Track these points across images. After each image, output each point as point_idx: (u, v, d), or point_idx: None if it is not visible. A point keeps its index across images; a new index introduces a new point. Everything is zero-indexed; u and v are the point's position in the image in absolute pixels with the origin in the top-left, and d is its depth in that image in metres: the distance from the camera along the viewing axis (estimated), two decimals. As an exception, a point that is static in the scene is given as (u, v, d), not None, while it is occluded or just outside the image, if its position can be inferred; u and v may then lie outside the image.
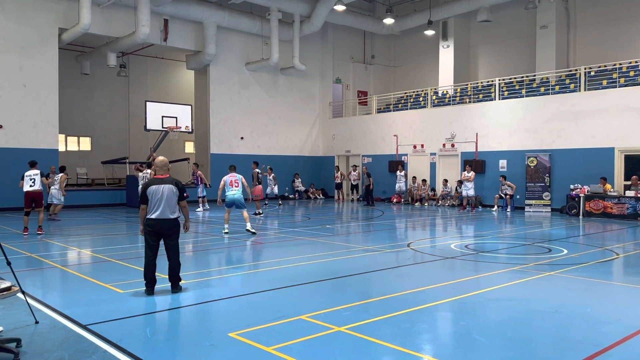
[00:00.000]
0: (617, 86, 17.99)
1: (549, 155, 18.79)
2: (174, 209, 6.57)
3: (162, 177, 6.64)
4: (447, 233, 14.00)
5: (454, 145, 21.91)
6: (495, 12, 23.35)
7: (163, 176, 6.67)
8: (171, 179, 6.66)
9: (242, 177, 12.63)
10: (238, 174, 12.63)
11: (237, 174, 12.60)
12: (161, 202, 6.47)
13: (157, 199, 6.47)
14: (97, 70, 26.34)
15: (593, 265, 8.71)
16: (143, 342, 4.84)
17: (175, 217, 6.62)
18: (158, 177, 6.66)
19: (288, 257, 9.50)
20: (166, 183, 6.56)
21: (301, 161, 26.56)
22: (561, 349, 4.69)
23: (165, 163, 6.76)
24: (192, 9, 21.82)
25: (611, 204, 16.41)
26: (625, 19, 20.83)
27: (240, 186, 12.43)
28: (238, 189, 12.33)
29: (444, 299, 6.39)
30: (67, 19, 19.53)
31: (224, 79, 23.92)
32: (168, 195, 6.50)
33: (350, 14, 25.44)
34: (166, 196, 6.49)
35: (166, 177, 6.66)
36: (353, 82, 28.37)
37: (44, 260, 9.03)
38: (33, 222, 12.79)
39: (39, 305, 5.94)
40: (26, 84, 18.88)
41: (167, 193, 6.50)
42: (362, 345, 4.77)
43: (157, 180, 6.62)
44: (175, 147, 27.91)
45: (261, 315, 5.62)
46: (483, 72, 25.40)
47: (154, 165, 6.86)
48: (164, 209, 6.48)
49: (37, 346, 4.68)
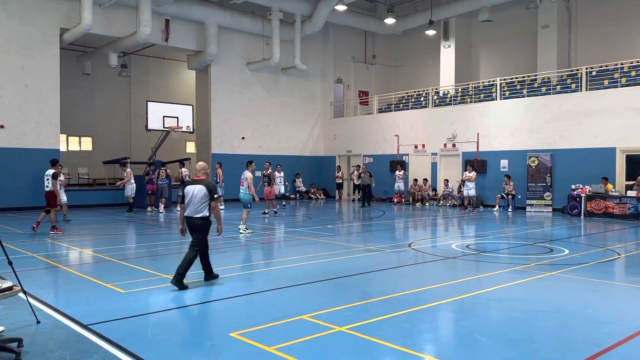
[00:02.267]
0: (618, 86, 17.96)
1: (550, 155, 18.77)
2: (202, 208, 7.00)
3: (198, 179, 7.18)
4: (449, 233, 14.00)
5: (455, 145, 21.90)
6: (497, 12, 23.33)
7: (200, 178, 7.20)
8: (205, 181, 7.15)
9: (248, 176, 12.59)
10: (247, 172, 12.68)
11: (246, 172, 12.69)
12: (191, 201, 7.00)
13: (189, 199, 7.02)
14: (98, 71, 26.39)
15: (594, 265, 8.70)
16: (144, 342, 4.84)
17: (202, 216, 7.02)
18: (196, 179, 7.22)
19: (289, 257, 9.49)
20: (199, 184, 7.05)
21: (302, 161, 26.56)
22: (563, 349, 4.68)
23: (204, 167, 7.37)
24: (193, 9, 21.83)
25: (613, 204, 16.39)
26: (627, 18, 20.80)
27: (245, 186, 12.55)
28: (243, 188, 12.56)
29: (445, 299, 6.38)
30: (69, 19, 19.54)
31: (225, 79, 23.93)
32: (198, 195, 6.97)
33: (352, 14, 25.44)
34: (196, 196, 6.97)
35: (201, 179, 7.16)
36: (354, 82, 28.37)
37: (45, 260, 9.04)
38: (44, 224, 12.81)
39: (41, 305, 5.94)
40: (28, 84, 18.90)
41: (197, 193, 6.97)
42: (364, 345, 4.77)
43: (193, 181, 7.19)
44: (177, 147, 27.94)
45: (262, 315, 5.63)
46: (484, 72, 25.38)
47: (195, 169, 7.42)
48: (192, 208, 7.00)
49: (39, 346, 4.68)
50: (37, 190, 18.89)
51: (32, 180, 18.80)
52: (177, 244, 11.31)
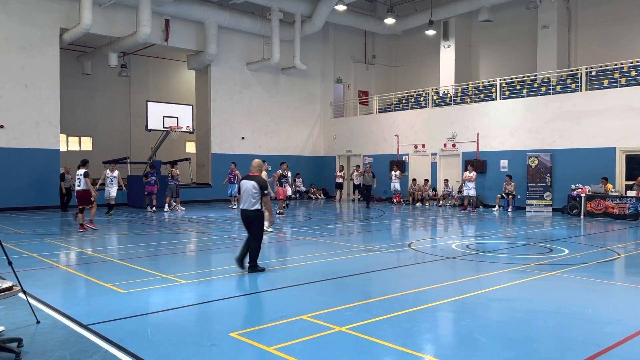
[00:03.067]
0: (618, 86, 17.96)
1: (550, 155, 18.77)
2: (253, 202, 7.62)
3: (252, 175, 7.81)
4: (448, 233, 13.99)
5: (455, 145, 21.90)
6: (497, 12, 23.33)
7: (254, 174, 7.83)
8: (258, 177, 7.77)
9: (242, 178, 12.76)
10: None
11: None
12: (243, 195, 7.70)
13: (243, 193, 7.72)
14: (98, 70, 26.35)
15: (594, 265, 8.70)
16: (144, 342, 4.84)
17: (255, 209, 7.66)
18: (250, 175, 7.83)
19: (289, 257, 9.49)
20: (251, 180, 7.68)
21: (302, 161, 26.55)
22: (563, 349, 4.68)
23: (259, 164, 8.06)
24: (193, 9, 21.82)
25: (612, 204, 16.39)
26: (627, 18, 20.80)
27: None
28: None
29: (445, 299, 6.38)
30: (69, 19, 19.54)
31: (225, 79, 23.92)
32: (249, 190, 7.63)
33: (352, 14, 25.43)
34: (247, 191, 7.64)
35: (254, 175, 7.80)
36: (354, 82, 28.37)
37: (45, 260, 9.04)
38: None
39: (40, 305, 5.94)
40: (28, 84, 18.89)
41: (249, 188, 7.62)
42: (364, 345, 4.77)
43: (247, 177, 7.85)
44: (177, 147, 27.91)
45: (262, 315, 5.63)
46: (484, 72, 25.38)
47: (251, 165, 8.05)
48: (244, 201, 7.69)
49: (39, 346, 4.68)
50: (37, 190, 18.95)
51: (31, 180, 18.82)
52: (179, 244, 11.31)
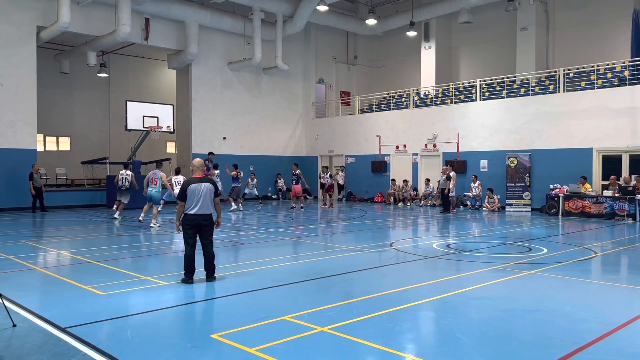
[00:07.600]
0: (594, 87, 18.30)
1: (529, 155, 19.03)
2: (211, 205, 7.34)
3: (200, 177, 7.38)
4: (429, 233, 14.10)
5: (435, 145, 22.07)
6: (476, 13, 23.60)
7: (199, 176, 7.39)
8: (207, 178, 7.44)
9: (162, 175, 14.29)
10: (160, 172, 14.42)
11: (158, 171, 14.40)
12: (200, 199, 7.20)
13: (197, 196, 7.19)
14: (76, 69, 25.93)
15: (572, 263, 8.84)
16: (124, 344, 4.78)
17: (211, 213, 7.37)
18: (196, 177, 7.38)
19: (271, 258, 9.47)
20: (205, 182, 7.32)
21: (284, 161, 26.49)
22: (541, 347, 4.75)
23: (202, 164, 7.56)
24: (173, 7, 21.61)
25: (589, 204, 16.68)
26: (603, 21, 21.20)
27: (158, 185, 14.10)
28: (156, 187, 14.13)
29: (426, 298, 6.43)
30: (46, 17, 19.20)
31: (206, 78, 23.76)
32: (207, 192, 7.27)
33: (333, 15, 25.47)
34: (206, 194, 7.26)
35: (203, 177, 7.40)
36: (336, 83, 28.41)
37: (21, 262, 8.87)
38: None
39: (17, 308, 5.83)
40: (3, 83, 18.50)
41: (206, 191, 7.26)
42: (346, 345, 4.78)
43: (195, 179, 7.33)
44: (157, 147, 27.62)
45: (244, 316, 5.60)
46: (464, 73, 25.64)
47: (191, 166, 7.61)
48: (202, 204, 7.22)
49: (15, 349, 4.59)
50: (13, 190, 18.56)
51: (7, 180, 18.44)
52: (160, 246, 11.19)
